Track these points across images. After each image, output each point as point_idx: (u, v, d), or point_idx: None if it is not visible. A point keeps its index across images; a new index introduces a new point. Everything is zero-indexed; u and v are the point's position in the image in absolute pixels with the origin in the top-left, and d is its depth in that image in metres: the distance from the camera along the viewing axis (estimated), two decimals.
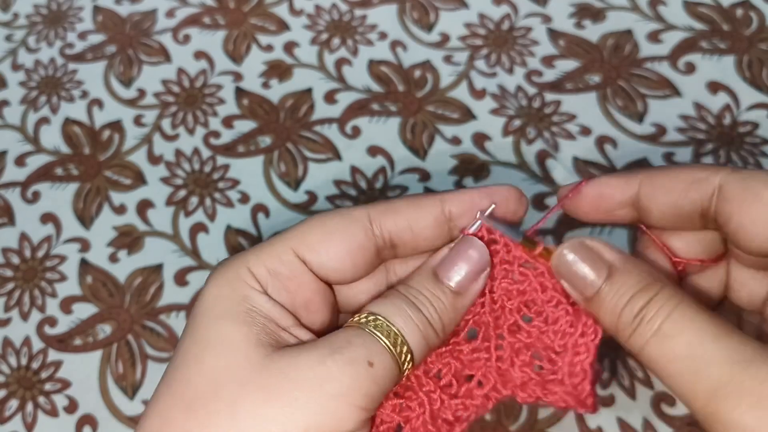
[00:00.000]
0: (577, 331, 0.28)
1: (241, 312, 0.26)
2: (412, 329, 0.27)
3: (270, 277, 0.27)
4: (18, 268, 0.53)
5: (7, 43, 0.65)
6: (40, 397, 0.48)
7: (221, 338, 0.26)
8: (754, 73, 0.56)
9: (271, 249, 0.28)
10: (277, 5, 0.65)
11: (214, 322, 0.26)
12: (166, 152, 0.57)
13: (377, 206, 0.29)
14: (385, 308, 0.27)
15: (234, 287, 0.27)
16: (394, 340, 0.26)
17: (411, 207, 0.29)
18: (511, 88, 0.58)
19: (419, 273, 0.29)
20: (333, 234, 0.28)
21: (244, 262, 0.28)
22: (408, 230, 0.29)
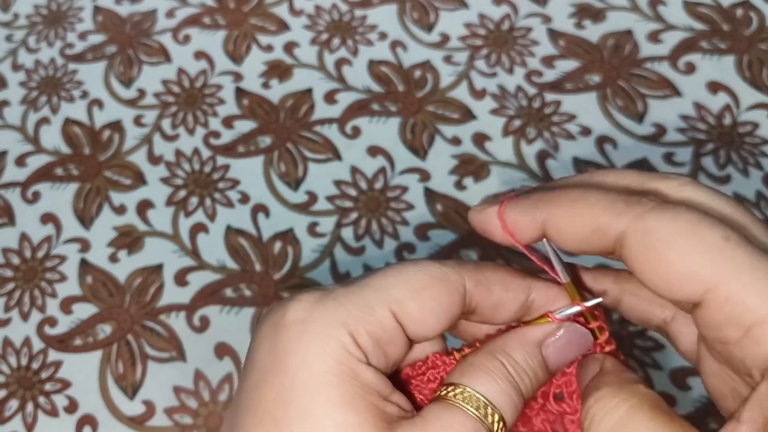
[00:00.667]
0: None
1: (355, 395, 0.25)
2: (511, 407, 0.27)
3: (372, 343, 0.26)
4: (18, 268, 0.53)
5: (8, 44, 0.65)
6: (41, 397, 0.48)
7: (337, 427, 0.24)
8: (754, 73, 0.56)
9: (372, 311, 0.26)
10: (277, 5, 0.65)
11: (325, 406, 0.24)
12: (166, 152, 0.57)
13: (470, 273, 0.28)
14: (476, 379, 0.27)
15: (341, 363, 0.25)
16: (492, 419, 0.26)
17: (502, 287, 0.28)
18: (511, 88, 0.58)
19: (522, 344, 0.28)
20: (434, 302, 0.27)
21: (344, 326, 0.25)
22: (492, 308, 0.29)
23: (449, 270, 0.28)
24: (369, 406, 0.25)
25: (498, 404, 0.26)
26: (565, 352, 0.28)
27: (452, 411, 0.26)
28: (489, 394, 0.26)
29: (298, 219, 0.53)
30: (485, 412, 0.25)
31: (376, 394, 0.25)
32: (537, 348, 0.28)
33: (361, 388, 0.25)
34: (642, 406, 0.25)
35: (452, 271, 0.28)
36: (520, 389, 0.27)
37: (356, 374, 0.25)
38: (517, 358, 0.27)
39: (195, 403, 0.47)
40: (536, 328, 0.29)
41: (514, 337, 0.29)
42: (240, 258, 0.52)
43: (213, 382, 0.47)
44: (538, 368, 0.28)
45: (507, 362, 0.27)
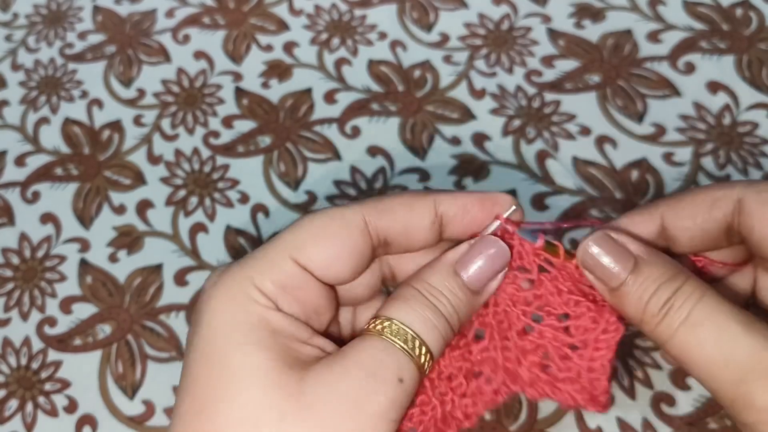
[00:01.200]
0: (599, 327, 0.28)
1: (264, 336, 0.25)
2: (431, 330, 0.27)
3: (278, 290, 0.27)
4: (18, 268, 0.53)
5: (7, 43, 0.65)
6: (40, 397, 0.48)
7: (251, 368, 0.25)
8: (753, 72, 0.56)
9: (272, 260, 0.27)
10: (276, 5, 0.65)
11: (238, 351, 0.25)
12: (165, 152, 0.57)
13: (371, 206, 0.29)
14: (402, 311, 0.27)
15: (247, 309, 0.26)
16: (412, 344, 0.26)
17: (405, 208, 0.29)
18: (511, 88, 0.58)
19: (436, 269, 0.28)
20: (332, 241, 0.28)
21: (248, 278, 0.27)
22: (402, 232, 0.29)
23: (346, 208, 0.28)
24: (280, 348, 0.25)
25: (423, 335, 0.26)
26: (482, 267, 0.28)
27: (370, 340, 0.26)
28: (412, 325, 0.26)
29: None
30: (413, 345, 0.26)
31: (289, 337, 0.26)
32: (450, 268, 0.28)
33: (270, 332, 0.26)
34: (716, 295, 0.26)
35: (349, 209, 0.28)
36: (442, 314, 0.27)
37: (264, 319, 0.26)
38: (432, 282, 0.28)
39: None
40: (450, 251, 0.29)
41: (430, 264, 0.29)
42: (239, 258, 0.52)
43: None
44: (456, 289, 0.28)
45: (423, 288, 0.27)
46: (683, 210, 0.29)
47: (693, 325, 0.25)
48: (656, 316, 0.26)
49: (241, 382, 0.25)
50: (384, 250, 0.30)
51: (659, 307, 0.26)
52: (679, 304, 0.25)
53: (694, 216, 0.28)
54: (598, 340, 0.28)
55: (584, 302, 0.28)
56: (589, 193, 0.52)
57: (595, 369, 0.29)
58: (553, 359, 0.29)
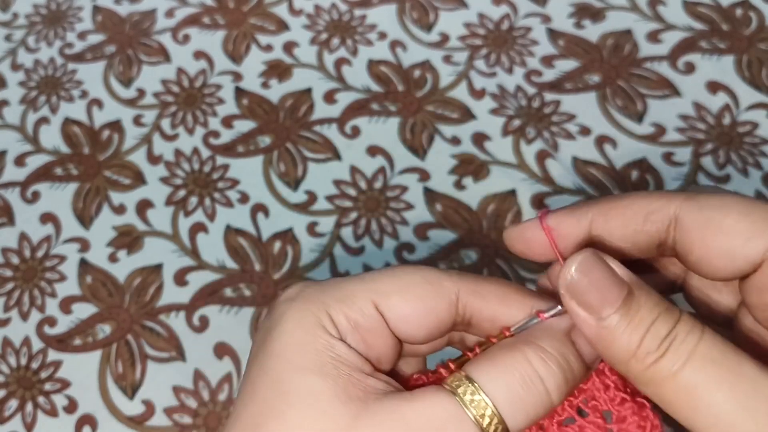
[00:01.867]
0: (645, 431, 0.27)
1: (326, 363, 0.25)
2: (515, 407, 0.24)
3: (350, 327, 0.26)
4: (18, 268, 0.53)
5: (7, 43, 0.65)
6: (40, 397, 0.48)
7: (306, 394, 0.24)
8: (753, 72, 0.56)
9: (353, 298, 0.27)
10: (276, 5, 0.65)
11: (296, 373, 0.25)
12: (165, 152, 0.57)
13: (467, 283, 0.27)
14: (491, 377, 0.24)
15: (315, 334, 0.26)
16: (489, 420, 0.24)
17: (500, 300, 0.27)
18: (511, 88, 0.58)
19: (549, 332, 0.26)
20: (418, 301, 0.27)
21: (323, 305, 0.26)
22: (489, 321, 0.27)
23: (443, 275, 0.27)
24: (340, 375, 0.25)
25: (504, 412, 0.24)
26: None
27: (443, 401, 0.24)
28: (498, 397, 0.24)
29: (297, 219, 0.53)
30: (489, 421, 0.24)
31: (351, 366, 0.25)
32: (565, 334, 0.26)
33: (333, 359, 0.25)
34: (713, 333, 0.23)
35: (446, 276, 0.27)
36: (544, 387, 0.25)
37: (330, 346, 0.25)
38: (546, 347, 0.25)
39: (194, 403, 0.47)
40: (558, 320, 0.26)
41: (540, 328, 0.26)
42: (239, 258, 0.52)
43: (212, 381, 0.47)
44: (572, 357, 0.25)
45: (531, 353, 0.25)
46: (614, 219, 0.26)
47: (702, 361, 0.22)
48: (654, 353, 0.23)
49: (296, 405, 0.24)
50: (464, 328, 0.29)
51: (657, 343, 0.23)
52: (682, 338, 0.23)
53: (624, 227, 0.26)
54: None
55: (629, 403, 0.27)
56: (589, 193, 0.52)
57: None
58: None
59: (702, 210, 0.24)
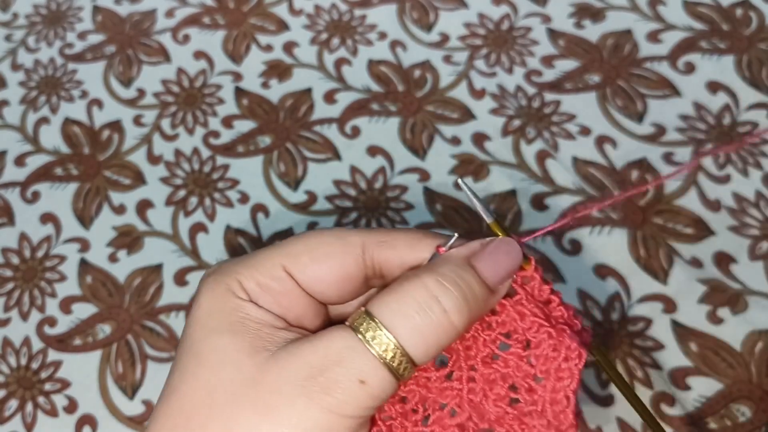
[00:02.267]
0: (560, 355, 0.26)
1: (234, 322, 0.26)
2: (414, 335, 0.25)
3: (261, 290, 0.28)
4: (18, 268, 0.53)
5: (7, 43, 0.65)
6: (40, 397, 0.48)
7: (215, 351, 0.26)
8: (753, 72, 0.56)
9: (262, 263, 0.28)
10: (276, 5, 0.65)
11: (207, 335, 0.26)
12: (165, 152, 0.57)
13: (373, 235, 0.28)
14: (389, 310, 0.25)
15: (224, 299, 0.27)
16: (393, 354, 0.24)
17: (406, 245, 0.28)
18: (511, 88, 0.58)
19: (448, 259, 0.27)
20: (325, 259, 0.28)
21: (234, 273, 0.28)
22: (400, 267, 0.28)
23: (347, 231, 0.28)
24: (248, 331, 0.26)
25: (405, 343, 0.24)
26: (498, 262, 0.27)
27: (342, 335, 0.25)
28: (397, 327, 0.24)
29: (297, 219, 0.53)
30: (390, 353, 0.24)
31: (261, 323, 0.27)
32: (465, 260, 0.27)
33: (241, 318, 0.26)
34: None
35: (351, 232, 0.28)
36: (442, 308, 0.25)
37: (238, 307, 0.27)
38: (443, 271, 0.26)
39: None
40: (460, 247, 0.27)
41: (439, 257, 0.27)
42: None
43: None
44: (472, 281, 0.26)
45: (429, 278, 0.25)
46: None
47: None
48: None
49: (205, 363, 0.26)
50: (379, 282, 0.29)
51: None
52: None
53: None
54: (560, 369, 0.26)
55: (545, 328, 0.26)
56: (589, 193, 0.52)
57: (558, 401, 0.26)
58: (520, 391, 0.27)
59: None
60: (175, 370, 0.27)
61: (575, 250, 0.49)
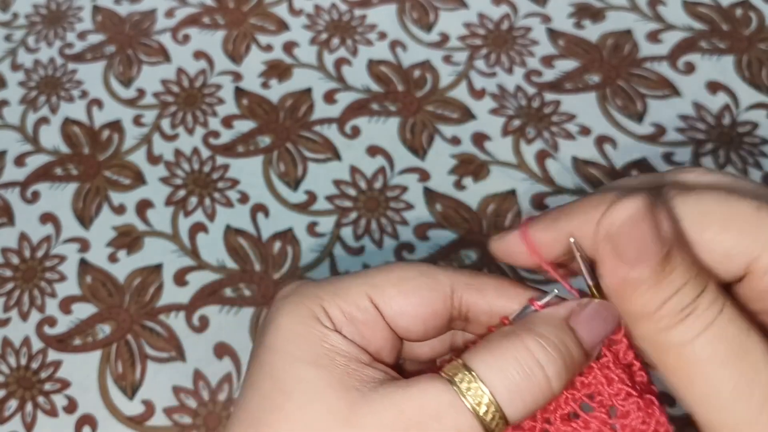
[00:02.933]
0: (649, 429, 0.26)
1: (322, 354, 0.25)
2: (513, 397, 0.24)
3: (344, 318, 0.26)
4: (17, 268, 0.53)
5: (7, 43, 0.65)
6: (40, 397, 0.48)
7: (302, 384, 0.25)
8: (753, 73, 0.56)
9: (347, 291, 0.27)
10: (276, 5, 0.65)
11: (292, 365, 0.25)
12: (165, 152, 0.57)
13: (463, 276, 0.27)
14: (487, 365, 0.24)
15: (309, 326, 0.26)
16: (485, 408, 0.24)
17: (497, 293, 0.27)
18: (511, 88, 0.58)
19: (547, 320, 0.26)
20: (413, 293, 0.27)
21: (317, 299, 0.26)
22: (487, 314, 0.27)
23: (439, 270, 0.27)
24: (336, 365, 0.25)
25: (502, 401, 0.24)
26: (596, 327, 0.25)
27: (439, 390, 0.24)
28: (497, 386, 0.24)
29: (297, 219, 0.53)
30: (486, 409, 0.24)
31: (348, 356, 0.25)
32: (563, 321, 0.26)
33: (328, 350, 0.25)
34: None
35: (440, 270, 0.27)
36: (543, 374, 0.24)
37: (324, 337, 0.26)
38: (545, 333, 0.25)
39: (194, 403, 0.47)
40: (557, 306, 0.26)
41: (538, 316, 0.26)
42: (239, 258, 0.52)
43: (212, 382, 0.47)
44: (572, 344, 0.25)
45: (530, 340, 0.24)
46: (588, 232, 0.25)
47: (715, 335, 0.22)
48: (672, 318, 0.23)
49: (294, 398, 0.24)
50: (462, 325, 0.29)
51: (679, 309, 0.22)
52: (702, 309, 0.22)
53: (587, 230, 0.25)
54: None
55: (634, 398, 0.26)
56: (588, 193, 0.52)
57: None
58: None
59: (682, 221, 0.23)
60: (254, 396, 0.25)
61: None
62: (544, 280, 0.48)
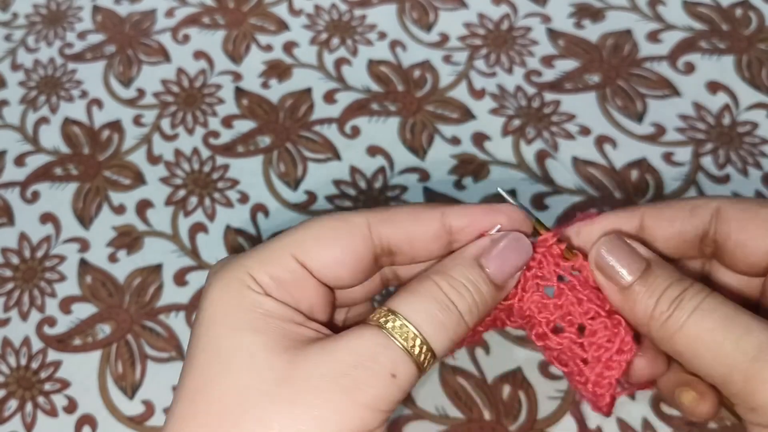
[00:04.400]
0: (614, 347, 0.28)
1: (256, 319, 0.26)
2: (438, 330, 0.26)
3: (273, 283, 0.27)
4: (17, 268, 0.53)
5: (7, 43, 0.65)
6: (40, 397, 0.48)
7: (242, 350, 0.25)
8: (753, 73, 0.56)
9: (272, 254, 0.28)
10: (276, 5, 0.65)
11: (231, 334, 0.26)
12: (165, 152, 0.57)
13: (376, 213, 0.29)
14: (410, 307, 0.26)
15: (241, 294, 0.27)
16: (413, 343, 0.26)
17: (410, 218, 0.29)
18: (511, 88, 0.58)
19: (458, 260, 0.28)
20: (332, 241, 0.28)
21: (245, 267, 0.27)
22: (407, 241, 0.29)
23: (351, 214, 0.28)
24: (271, 328, 0.26)
25: (428, 335, 0.26)
26: (505, 260, 0.28)
27: (371, 334, 0.26)
28: (418, 324, 0.26)
29: (297, 219, 0.53)
30: (413, 344, 0.26)
31: (282, 318, 0.26)
32: (473, 260, 0.28)
33: (262, 314, 0.26)
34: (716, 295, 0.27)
35: (354, 214, 0.28)
36: (457, 310, 0.27)
37: (257, 303, 0.26)
38: (453, 273, 0.27)
39: None
40: (472, 245, 0.29)
41: (450, 257, 0.29)
42: None
43: None
44: (480, 281, 0.28)
45: (441, 281, 0.27)
46: (664, 212, 0.30)
47: (703, 312, 0.26)
48: (665, 312, 0.26)
49: (232, 365, 0.25)
50: (389, 259, 0.30)
51: (668, 303, 0.26)
52: (689, 297, 0.26)
53: (673, 219, 0.29)
54: (611, 360, 0.29)
55: (602, 318, 0.29)
56: (588, 193, 0.52)
57: (602, 386, 0.29)
58: (567, 362, 0.30)
59: (740, 202, 0.28)
60: (193, 370, 0.26)
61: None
62: None
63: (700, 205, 0.29)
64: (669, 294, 0.27)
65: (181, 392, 0.26)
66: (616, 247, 0.28)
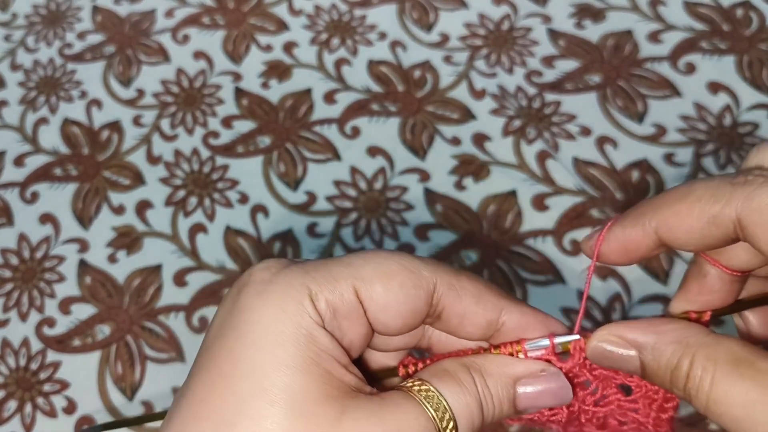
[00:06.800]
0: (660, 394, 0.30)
1: (309, 358, 0.24)
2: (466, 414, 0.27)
3: (329, 312, 0.25)
4: (17, 268, 0.53)
5: (6, 43, 0.65)
6: (39, 397, 0.47)
7: (290, 392, 0.24)
8: (754, 73, 0.56)
9: (335, 282, 0.26)
10: (276, 5, 0.65)
11: (279, 370, 0.24)
12: (165, 152, 0.57)
13: (446, 275, 0.27)
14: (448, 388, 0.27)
15: (299, 323, 0.25)
16: (446, 425, 0.26)
17: (475, 300, 0.28)
18: (511, 89, 0.57)
19: (498, 374, 0.28)
20: (399, 290, 0.26)
21: (306, 290, 0.25)
22: (459, 317, 0.28)
23: (422, 264, 0.27)
24: (323, 373, 0.24)
25: (457, 414, 0.26)
26: (538, 398, 0.28)
27: (411, 403, 0.25)
28: (452, 402, 0.26)
29: (297, 219, 0.53)
30: (442, 416, 0.25)
31: (332, 360, 0.25)
32: (513, 382, 0.28)
33: (316, 353, 0.24)
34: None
35: (425, 266, 0.27)
36: (482, 412, 0.27)
37: (313, 337, 0.24)
38: (490, 384, 0.27)
39: None
40: (520, 363, 0.28)
41: (495, 362, 0.28)
42: (239, 258, 0.51)
43: None
44: (506, 402, 0.28)
45: (479, 382, 0.27)
46: (679, 226, 0.27)
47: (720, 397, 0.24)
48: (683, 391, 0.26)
49: (278, 404, 0.23)
50: (432, 320, 0.29)
51: (683, 386, 0.25)
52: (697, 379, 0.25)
53: (690, 232, 0.27)
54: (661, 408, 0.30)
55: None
56: (589, 194, 0.51)
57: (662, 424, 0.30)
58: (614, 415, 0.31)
59: (763, 214, 0.25)
60: (229, 396, 0.24)
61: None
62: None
63: (717, 215, 0.27)
64: (676, 380, 0.25)
65: (207, 410, 0.24)
66: (604, 358, 0.27)
